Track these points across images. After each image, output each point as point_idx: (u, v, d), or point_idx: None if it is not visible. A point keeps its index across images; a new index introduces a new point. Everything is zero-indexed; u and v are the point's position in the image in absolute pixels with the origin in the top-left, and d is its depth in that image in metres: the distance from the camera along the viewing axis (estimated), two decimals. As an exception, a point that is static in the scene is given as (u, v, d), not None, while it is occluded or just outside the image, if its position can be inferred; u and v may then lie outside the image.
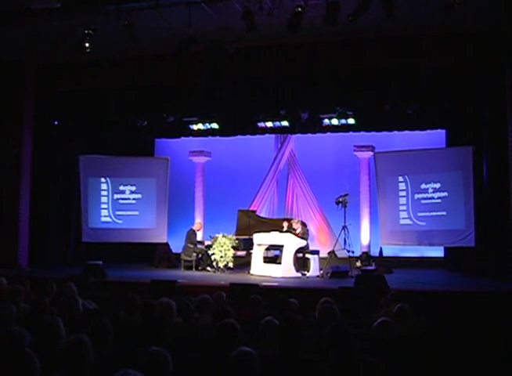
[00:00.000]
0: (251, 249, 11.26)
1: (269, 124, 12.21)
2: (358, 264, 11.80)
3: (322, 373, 3.67)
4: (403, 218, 11.94)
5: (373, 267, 11.28)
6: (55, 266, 11.90)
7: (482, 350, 4.50)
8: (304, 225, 11.56)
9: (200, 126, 12.69)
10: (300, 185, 13.74)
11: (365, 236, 12.82)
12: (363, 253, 12.36)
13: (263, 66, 11.27)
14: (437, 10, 8.25)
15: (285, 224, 11.51)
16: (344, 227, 11.27)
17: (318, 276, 10.77)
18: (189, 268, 11.77)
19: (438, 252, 12.43)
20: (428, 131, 12.07)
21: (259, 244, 11.11)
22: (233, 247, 11.25)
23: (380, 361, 3.42)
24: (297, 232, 11.06)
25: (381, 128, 11.99)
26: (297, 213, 13.53)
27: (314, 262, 10.93)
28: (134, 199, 13.13)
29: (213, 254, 11.18)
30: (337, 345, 3.89)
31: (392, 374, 3.78)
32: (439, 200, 11.54)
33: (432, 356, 4.25)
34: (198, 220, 13.53)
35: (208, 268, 11.50)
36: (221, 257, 11.09)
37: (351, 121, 11.77)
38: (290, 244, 10.72)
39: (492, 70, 10.33)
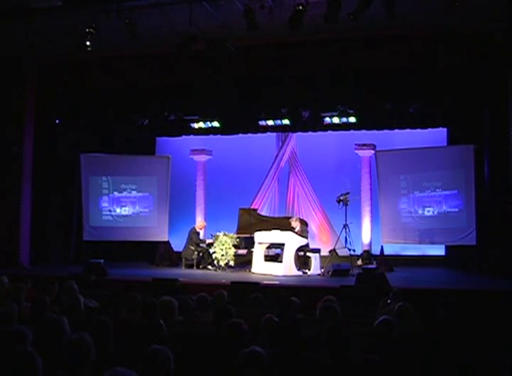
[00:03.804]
0: (252, 247, 11.27)
1: (270, 122, 12.21)
2: (360, 262, 11.81)
3: (323, 371, 3.67)
4: (404, 217, 11.95)
5: (374, 265, 11.27)
6: (57, 265, 11.90)
7: (484, 348, 4.50)
8: (303, 222, 11.56)
9: (201, 124, 12.69)
10: (301, 183, 13.74)
11: (366, 234, 12.81)
12: (364, 251, 12.35)
13: (264, 65, 11.27)
14: (438, 9, 8.25)
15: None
16: (345, 225, 11.28)
17: (319, 275, 10.78)
18: (190, 266, 11.79)
19: (439, 250, 12.43)
20: (429, 130, 12.07)
21: (260, 243, 11.12)
22: (234, 246, 11.24)
23: (381, 359, 3.43)
24: (296, 230, 11.07)
25: (382, 127, 11.98)
26: (298, 211, 13.53)
27: (315, 260, 10.94)
28: (135, 197, 13.15)
29: (214, 252, 11.17)
30: (337, 344, 3.90)
31: (393, 373, 3.78)
32: (440, 199, 11.54)
33: (433, 354, 4.25)
34: (200, 219, 13.54)
35: (209, 266, 11.50)
36: (223, 255, 11.09)
37: (352, 119, 11.78)
38: (291, 242, 10.73)
39: (492, 68, 10.34)
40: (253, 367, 3.23)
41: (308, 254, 11.00)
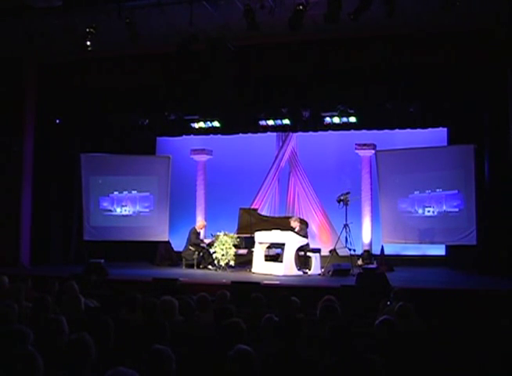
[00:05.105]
0: (253, 247, 11.26)
1: (271, 122, 12.21)
2: (360, 262, 11.80)
3: (323, 371, 3.67)
4: (404, 217, 11.95)
5: (374, 265, 11.28)
6: (57, 265, 11.91)
7: (484, 348, 4.50)
8: (303, 222, 11.56)
9: (202, 124, 12.69)
10: (301, 183, 13.74)
11: (366, 234, 12.81)
12: (365, 251, 12.34)
13: (264, 65, 11.27)
14: (438, 8, 8.25)
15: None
16: (346, 225, 11.28)
17: (319, 275, 10.78)
18: (191, 266, 11.79)
19: (439, 250, 12.44)
20: (430, 130, 12.08)
21: (260, 243, 11.11)
22: (235, 246, 11.24)
23: (381, 359, 3.42)
24: (296, 230, 11.06)
25: (383, 127, 11.98)
26: (299, 211, 13.53)
27: (315, 260, 10.94)
28: (135, 197, 13.15)
29: (214, 252, 11.18)
30: (338, 344, 3.90)
31: (394, 373, 3.78)
32: (440, 199, 11.54)
33: (434, 354, 4.26)
34: (200, 218, 13.54)
35: (210, 266, 11.50)
36: (223, 255, 11.09)
37: (352, 119, 11.78)
38: (292, 242, 10.72)
39: (493, 68, 10.33)
40: (241, 366, 3.24)
41: (308, 254, 11.00)
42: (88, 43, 9.37)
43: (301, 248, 10.88)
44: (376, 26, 9.78)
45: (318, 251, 11.23)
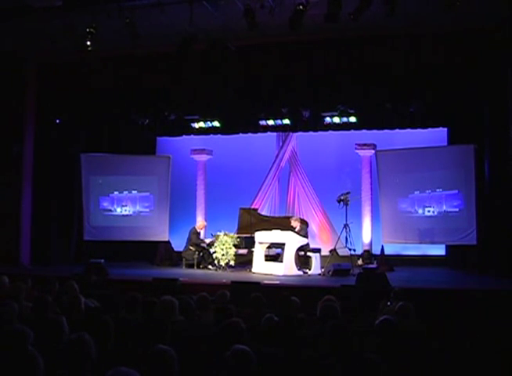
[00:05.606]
0: (253, 247, 11.27)
1: (271, 122, 12.22)
2: (360, 262, 11.81)
3: (323, 371, 3.67)
4: (405, 217, 11.94)
5: (374, 265, 11.27)
6: (57, 264, 11.90)
7: (484, 348, 4.50)
8: (303, 222, 11.56)
9: (202, 124, 12.70)
10: (301, 183, 13.74)
11: (366, 234, 12.81)
12: (365, 251, 12.35)
13: (265, 65, 11.28)
14: (438, 8, 8.26)
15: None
16: (346, 225, 11.29)
17: (319, 275, 10.78)
18: (191, 266, 11.80)
19: (439, 250, 12.44)
20: (430, 130, 12.07)
21: (261, 242, 11.12)
22: (235, 246, 11.24)
23: (381, 359, 3.42)
24: (296, 230, 11.07)
25: (383, 127, 11.98)
26: (299, 211, 13.53)
27: (315, 260, 10.95)
28: (135, 197, 13.15)
29: (214, 252, 11.18)
30: (338, 343, 3.90)
31: (394, 372, 3.78)
32: (441, 199, 11.54)
33: (434, 354, 4.26)
34: (200, 218, 13.54)
35: (210, 266, 11.51)
36: (223, 255, 11.10)
37: (352, 119, 11.79)
38: (292, 242, 10.73)
39: (493, 67, 10.34)
40: (238, 366, 3.24)
41: (308, 253, 11.01)
42: (88, 43, 9.37)
43: (301, 248, 10.88)
44: (377, 26, 9.78)
45: (318, 250, 11.24)
